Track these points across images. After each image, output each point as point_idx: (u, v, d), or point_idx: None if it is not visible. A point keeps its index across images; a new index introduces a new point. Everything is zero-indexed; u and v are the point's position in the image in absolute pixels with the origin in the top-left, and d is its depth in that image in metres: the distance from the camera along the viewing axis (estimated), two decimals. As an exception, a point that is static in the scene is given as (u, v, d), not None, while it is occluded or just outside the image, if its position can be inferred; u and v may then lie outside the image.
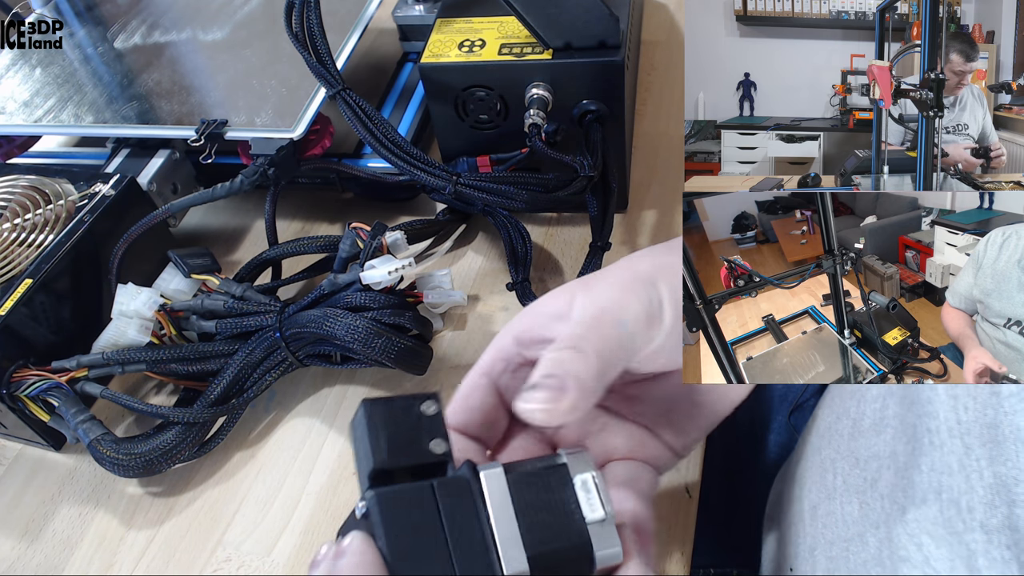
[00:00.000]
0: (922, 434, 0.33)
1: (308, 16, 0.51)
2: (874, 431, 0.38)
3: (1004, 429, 0.28)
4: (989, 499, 0.28)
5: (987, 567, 0.28)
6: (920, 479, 0.32)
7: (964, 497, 0.30)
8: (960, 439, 0.30)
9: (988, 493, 0.29)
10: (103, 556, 0.46)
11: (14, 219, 0.51)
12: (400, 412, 0.28)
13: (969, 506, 0.29)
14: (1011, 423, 0.28)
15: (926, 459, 0.32)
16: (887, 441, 0.36)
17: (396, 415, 0.27)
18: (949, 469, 0.31)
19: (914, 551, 0.32)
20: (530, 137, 0.50)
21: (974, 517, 0.29)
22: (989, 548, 0.28)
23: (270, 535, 0.45)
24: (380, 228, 0.49)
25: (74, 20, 0.72)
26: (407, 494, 0.26)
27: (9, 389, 0.46)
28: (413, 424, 0.27)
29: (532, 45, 0.51)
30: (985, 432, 0.29)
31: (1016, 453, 0.27)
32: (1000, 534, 0.28)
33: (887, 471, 0.36)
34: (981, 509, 0.29)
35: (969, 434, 0.30)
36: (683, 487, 0.45)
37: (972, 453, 0.30)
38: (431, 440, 0.27)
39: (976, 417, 0.30)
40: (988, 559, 0.28)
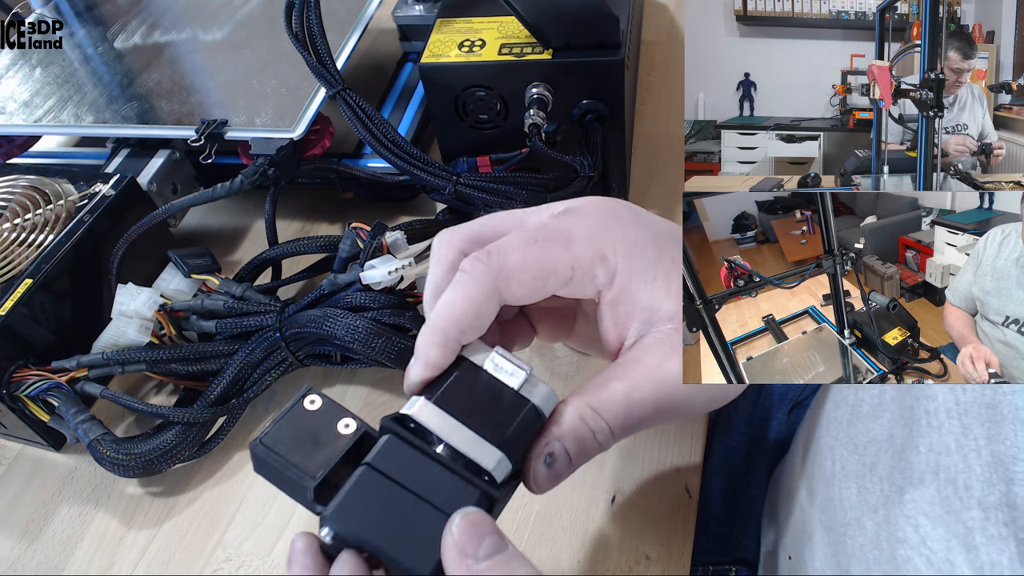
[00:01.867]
0: (920, 416, 0.33)
1: (308, 16, 0.51)
2: (872, 416, 0.38)
3: (1003, 409, 0.28)
4: (987, 477, 0.29)
5: (984, 544, 0.28)
6: (918, 460, 0.33)
7: (962, 476, 0.30)
8: (958, 419, 0.31)
9: (986, 472, 0.29)
10: (103, 556, 0.46)
11: (14, 219, 0.51)
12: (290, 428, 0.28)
13: (967, 484, 0.30)
14: (1010, 403, 0.28)
15: (924, 440, 0.33)
16: (884, 425, 0.37)
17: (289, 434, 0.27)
18: (947, 449, 0.31)
19: (911, 532, 0.32)
20: (530, 137, 0.50)
21: (971, 495, 0.29)
22: (986, 525, 0.28)
23: (270, 535, 0.45)
24: (380, 228, 0.49)
25: (74, 20, 0.72)
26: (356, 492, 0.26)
27: (9, 389, 0.45)
28: (310, 428, 0.28)
29: (532, 45, 0.51)
30: (984, 412, 0.29)
31: (1015, 432, 0.28)
32: (998, 511, 0.28)
33: (885, 454, 0.36)
34: (979, 487, 0.29)
35: (967, 414, 0.30)
36: (683, 487, 0.45)
37: (970, 433, 0.30)
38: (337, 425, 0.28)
39: (975, 397, 0.30)
40: (985, 536, 0.28)
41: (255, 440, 0.27)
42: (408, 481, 0.26)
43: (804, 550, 0.44)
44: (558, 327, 0.38)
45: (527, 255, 0.31)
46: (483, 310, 0.31)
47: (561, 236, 0.32)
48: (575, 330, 0.37)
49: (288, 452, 0.27)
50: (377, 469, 0.26)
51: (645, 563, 0.42)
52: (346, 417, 0.28)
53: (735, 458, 0.64)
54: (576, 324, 0.37)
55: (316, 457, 0.27)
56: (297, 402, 0.28)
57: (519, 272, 0.31)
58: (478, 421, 0.28)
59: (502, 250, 0.32)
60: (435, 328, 0.30)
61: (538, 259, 0.31)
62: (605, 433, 0.30)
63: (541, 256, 0.32)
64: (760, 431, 0.65)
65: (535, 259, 0.31)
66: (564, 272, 0.32)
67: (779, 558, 0.49)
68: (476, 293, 0.31)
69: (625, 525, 0.43)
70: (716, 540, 0.60)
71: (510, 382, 0.29)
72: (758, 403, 0.67)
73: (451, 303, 0.30)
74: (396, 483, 0.26)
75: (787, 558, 0.47)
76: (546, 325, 0.37)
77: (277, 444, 0.27)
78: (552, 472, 0.30)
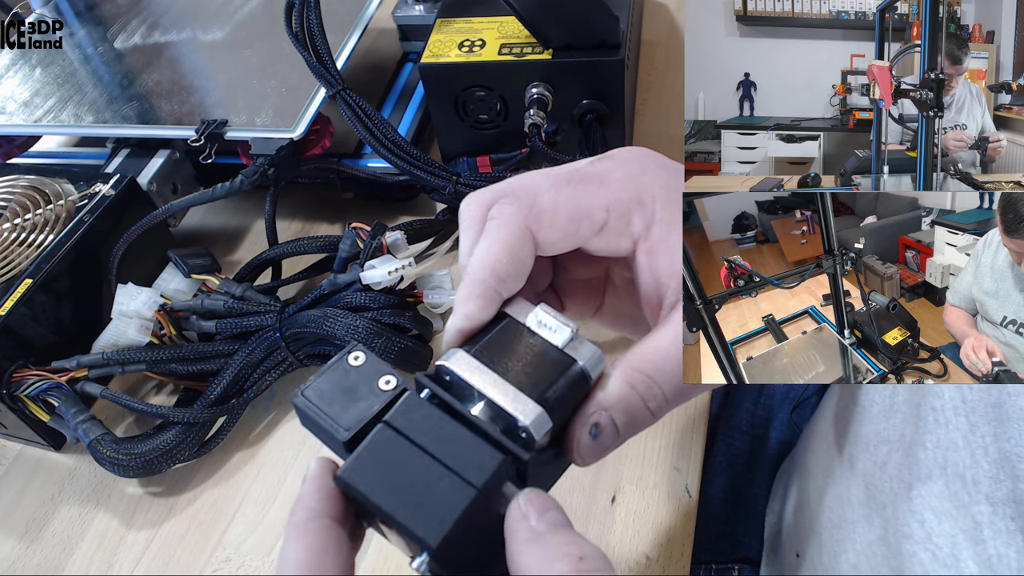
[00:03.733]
0: (926, 413, 0.33)
1: (308, 16, 0.51)
2: (883, 416, 0.38)
3: (1008, 409, 0.29)
4: (994, 473, 0.29)
5: (992, 538, 0.29)
6: (925, 456, 0.33)
7: (969, 471, 0.30)
8: (965, 417, 0.31)
9: (993, 468, 0.29)
10: (103, 556, 0.46)
11: (14, 219, 0.51)
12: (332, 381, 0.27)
13: (975, 479, 0.30)
14: (1015, 404, 0.28)
15: (931, 436, 0.33)
16: (896, 425, 0.37)
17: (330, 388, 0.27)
18: (954, 445, 0.31)
19: (916, 527, 0.32)
20: (530, 137, 0.50)
21: (979, 490, 0.29)
22: (994, 519, 0.29)
23: (270, 535, 0.45)
24: (380, 228, 0.49)
25: (74, 20, 0.72)
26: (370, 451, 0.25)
27: (9, 389, 0.46)
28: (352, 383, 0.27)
29: (532, 45, 0.51)
30: (990, 411, 0.30)
31: (1020, 431, 0.28)
32: (1005, 506, 0.28)
33: (896, 453, 0.36)
34: (986, 482, 0.29)
35: (974, 412, 0.30)
36: (683, 487, 0.45)
37: (977, 430, 0.30)
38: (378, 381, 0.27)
39: (981, 396, 0.30)
40: (993, 530, 0.29)
41: (297, 392, 0.27)
42: (426, 441, 0.25)
43: (811, 548, 0.44)
44: (586, 302, 0.35)
45: (559, 195, 0.29)
46: (518, 253, 0.28)
47: (595, 178, 0.30)
48: (604, 305, 0.35)
49: (327, 405, 0.26)
50: (393, 427, 0.25)
51: (645, 563, 0.42)
52: (388, 374, 0.27)
53: (737, 458, 0.64)
54: (605, 298, 0.35)
55: (353, 411, 0.26)
56: (342, 357, 0.27)
57: (551, 213, 0.29)
58: (518, 376, 0.27)
59: (532, 191, 0.30)
60: (472, 279, 0.28)
61: (571, 198, 0.29)
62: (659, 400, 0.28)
63: (575, 195, 0.29)
64: (762, 431, 0.65)
65: (567, 199, 0.29)
66: (599, 215, 0.29)
67: (785, 556, 0.49)
68: (508, 236, 0.28)
69: (625, 525, 0.43)
70: (719, 539, 0.60)
71: (554, 339, 0.28)
72: (760, 403, 0.67)
73: (484, 250, 0.28)
74: (413, 443, 0.25)
75: (794, 556, 0.47)
76: (574, 300, 0.35)
77: (317, 397, 0.26)
78: (598, 444, 0.27)
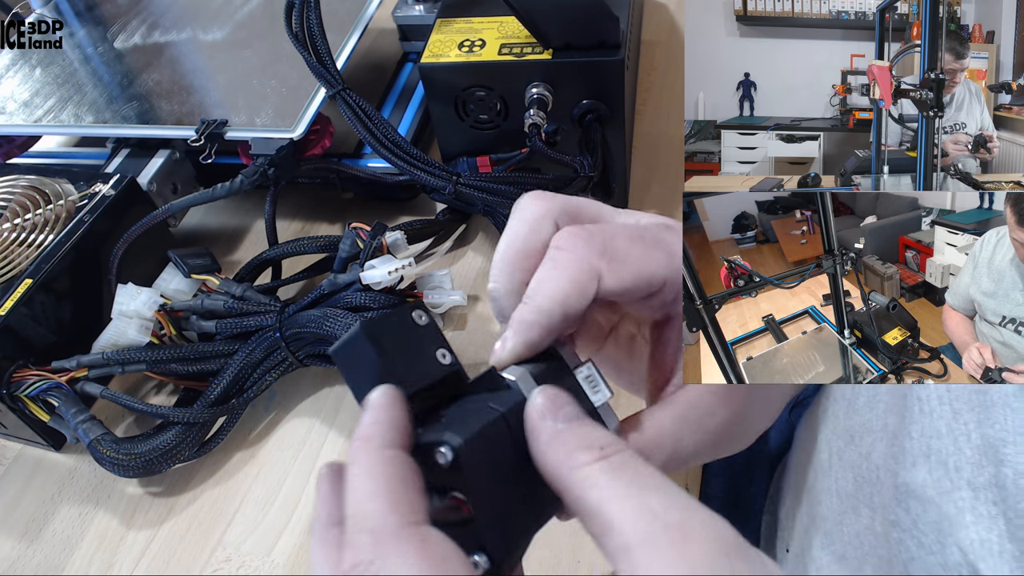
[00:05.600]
0: (912, 403, 0.34)
1: (308, 16, 0.51)
2: (868, 407, 0.39)
3: (993, 395, 0.29)
4: (976, 459, 0.29)
5: (974, 522, 0.29)
6: (910, 445, 0.33)
7: (952, 458, 0.31)
8: (949, 405, 0.32)
9: (975, 454, 0.30)
10: (103, 556, 0.46)
11: (14, 219, 0.51)
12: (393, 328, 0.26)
13: (957, 466, 0.30)
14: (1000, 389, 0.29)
15: (916, 426, 0.33)
16: (879, 415, 0.37)
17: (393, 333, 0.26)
18: (938, 433, 0.32)
19: (903, 515, 0.33)
20: (530, 137, 0.50)
21: (961, 476, 0.30)
22: (976, 505, 0.29)
23: (270, 535, 0.45)
24: (380, 228, 0.49)
25: (74, 20, 0.72)
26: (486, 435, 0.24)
27: (9, 389, 0.46)
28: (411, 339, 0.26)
29: (532, 45, 0.51)
30: (974, 397, 0.30)
31: (1004, 416, 0.28)
32: (987, 491, 0.29)
33: (880, 443, 0.37)
34: (968, 469, 0.30)
35: (958, 400, 0.31)
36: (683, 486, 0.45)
37: (960, 417, 0.31)
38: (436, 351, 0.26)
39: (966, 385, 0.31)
40: (975, 515, 0.29)
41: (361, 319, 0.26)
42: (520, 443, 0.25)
43: (801, 541, 0.44)
44: (587, 344, 0.35)
45: (632, 248, 0.29)
46: (586, 293, 0.28)
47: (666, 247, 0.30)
48: (603, 351, 0.35)
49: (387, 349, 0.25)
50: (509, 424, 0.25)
51: (645, 563, 0.42)
52: (444, 348, 0.27)
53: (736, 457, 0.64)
54: (606, 345, 0.35)
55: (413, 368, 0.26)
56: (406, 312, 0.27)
57: (623, 262, 0.29)
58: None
59: (607, 233, 0.29)
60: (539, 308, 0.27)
61: (642, 258, 0.29)
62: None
63: (646, 256, 0.29)
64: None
65: (639, 256, 0.29)
66: (658, 283, 0.29)
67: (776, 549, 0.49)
68: (580, 274, 0.28)
69: (625, 525, 0.43)
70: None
71: (594, 398, 0.28)
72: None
73: (555, 282, 0.28)
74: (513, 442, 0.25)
75: (785, 551, 0.47)
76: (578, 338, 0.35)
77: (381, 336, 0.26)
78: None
